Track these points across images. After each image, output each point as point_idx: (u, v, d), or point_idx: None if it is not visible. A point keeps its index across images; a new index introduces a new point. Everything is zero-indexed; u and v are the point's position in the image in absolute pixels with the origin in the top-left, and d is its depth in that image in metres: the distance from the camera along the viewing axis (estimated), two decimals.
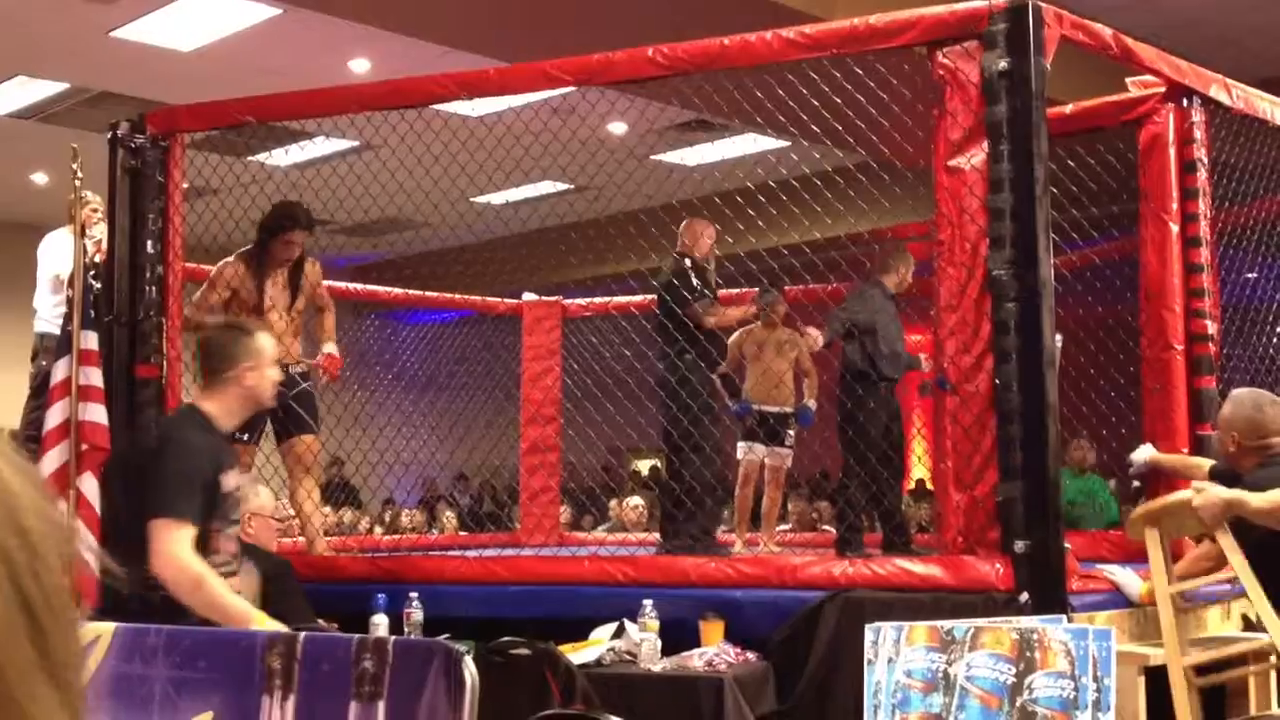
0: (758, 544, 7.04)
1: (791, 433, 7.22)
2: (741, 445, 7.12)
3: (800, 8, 7.88)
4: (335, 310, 6.42)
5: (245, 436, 5.71)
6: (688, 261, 6.42)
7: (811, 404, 7.19)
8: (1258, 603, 3.91)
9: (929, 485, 11.15)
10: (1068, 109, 5.80)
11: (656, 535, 8.53)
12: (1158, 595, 4.10)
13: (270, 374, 3.68)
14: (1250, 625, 4.67)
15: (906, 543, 6.16)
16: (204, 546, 3.51)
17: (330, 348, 6.16)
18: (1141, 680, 4.00)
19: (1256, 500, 3.85)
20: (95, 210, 6.47)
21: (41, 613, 0.66)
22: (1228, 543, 3.92)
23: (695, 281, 6.30)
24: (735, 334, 7.09)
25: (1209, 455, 5.18)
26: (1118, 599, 4.45)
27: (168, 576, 3.38)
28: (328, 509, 11.40)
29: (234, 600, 3.40)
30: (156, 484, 3.48)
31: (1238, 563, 3.91)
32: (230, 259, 6.00)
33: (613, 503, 10.74)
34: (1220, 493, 3.92)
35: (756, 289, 7.49)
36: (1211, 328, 5.42)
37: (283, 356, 5.81)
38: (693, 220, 6.64)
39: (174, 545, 3.38)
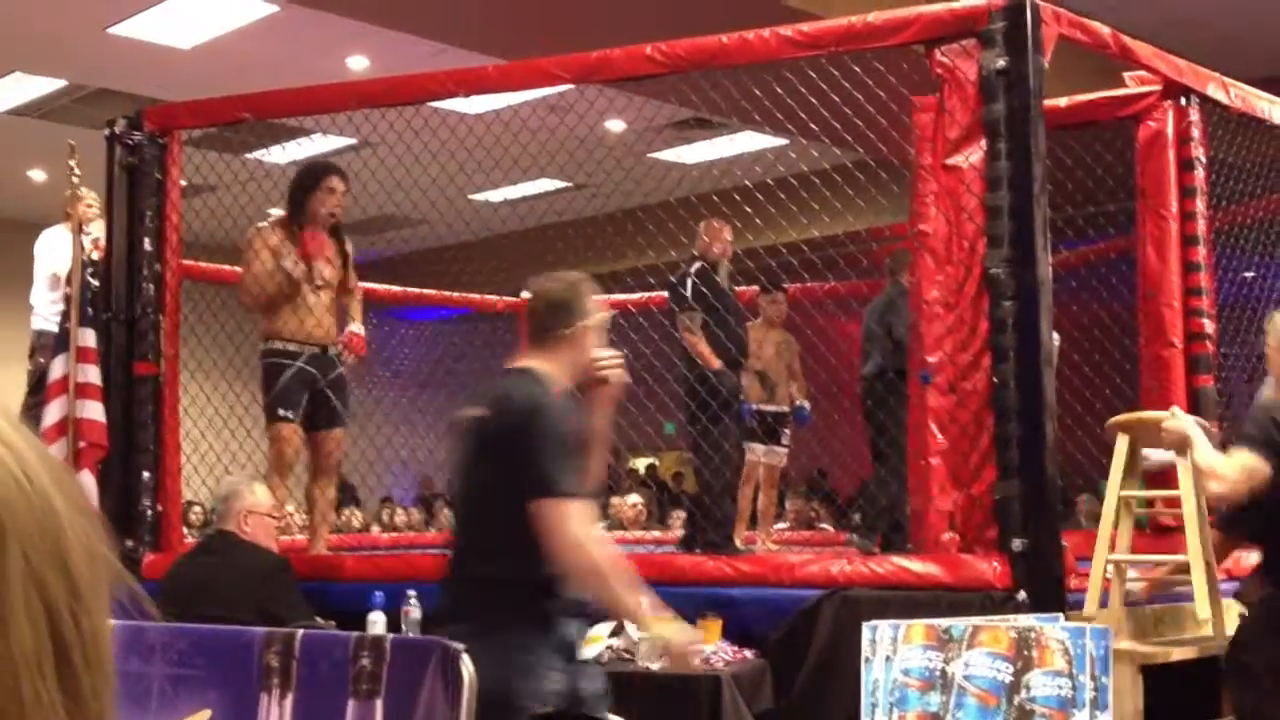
0: (755, 542, 7.06)
1: (788, 432, 7.24)
2: (746, 445, 7.14)
3: (798, 5, 7.88)
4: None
5: (289, 414, 5.53)
6: (696, 265, 6.41)
7: (806, 404, 7.22)
8: (1191, 534, 3.98)
9: None
10: (1062, 103, 5.79)
11: (655, 533, 8.53)
12: (1108, 495, 4.26)
13: (597, 338, 3.36)
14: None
15: (904, 541, 6.17)
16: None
17: (357, 327, 5.83)
18: (1140, 679, 4.00)
19: (1202, 455, 3.74)
20: (91, 207, 6.47)
21: (75, 656, 0.63)
22: (1183, 467, 3.99)
23: (690, 286, 6.29)
24: None
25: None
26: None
27: (571, 562, 3.00)
28: None
29: (632, 597, 3.04)
30: (532, 459, 3.06)
31: (1185, 487, 3.98)
32: (262, 225, 5.63)
33: (614, 500, 10.74)
34: (1187, 427, 3.88)
35: (756, 288, 7.49)
36: (1209, 326, 5.43)
37: (323, 336, 5.60)
38: (708, 221, 6.60)
39: (573, 525, 3.00)
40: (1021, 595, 4.07)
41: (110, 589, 0.66)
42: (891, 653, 3.54)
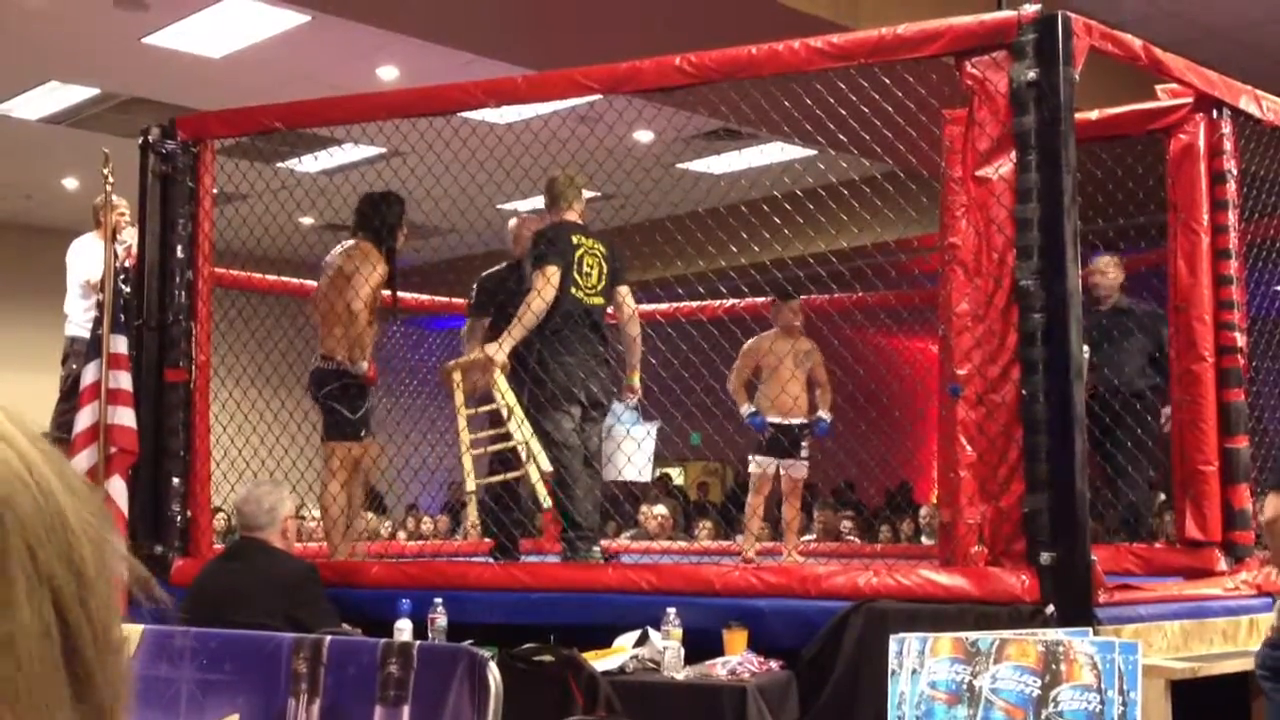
0: (780, 554, 7.04)
1: (806, 444, 7.18)
2: (753, 458, 7.11)
3: (828, 17, 7.88)
4: None
5: (365, 434, 5.99)
6: (502, 266, 6.88)
7: (827, 415, 7.15)
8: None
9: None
10: (1093, 115, 5.77)
11: (681, 543, 8.52)
12: (463, 431, 5.56)
13: None
14: None
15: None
16: None
17: None
18: (1169, 694, 3.97)
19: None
20: (124, 215, 6.52)
21: (83, 640, 0.63)
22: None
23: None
24: (750, 343, 7.07)
25: (1239, 469, 5.15)
26: (1145, 613, 4.41)
27: None
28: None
29: None
30: None
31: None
32: (363, 247, 5.88)
33: (643, 509, 10.75)
34: None
35: (771, 298, 7.46)
36: (1240, 340, 5.39)
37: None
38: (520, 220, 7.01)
39: None
40: (1050, 609, 4.05)
41: (118, 573, 0.67)
42: (919, 666, 3.53)
